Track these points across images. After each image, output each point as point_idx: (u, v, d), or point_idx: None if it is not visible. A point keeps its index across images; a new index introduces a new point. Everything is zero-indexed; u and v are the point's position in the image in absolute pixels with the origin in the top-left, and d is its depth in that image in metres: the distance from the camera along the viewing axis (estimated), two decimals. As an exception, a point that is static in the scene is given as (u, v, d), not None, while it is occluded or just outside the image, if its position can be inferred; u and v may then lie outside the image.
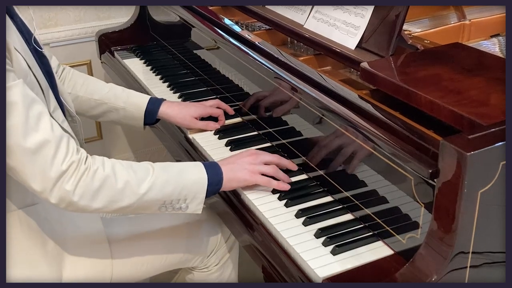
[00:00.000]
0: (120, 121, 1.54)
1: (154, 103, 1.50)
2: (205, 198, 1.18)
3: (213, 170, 1.20)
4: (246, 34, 1.56)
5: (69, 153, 1.07)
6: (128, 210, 1.13)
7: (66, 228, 1.25)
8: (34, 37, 1.21)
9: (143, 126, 1.52)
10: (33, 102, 1.05)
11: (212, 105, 1.55)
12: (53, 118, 1.13)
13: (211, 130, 1.52)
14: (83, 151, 1.11)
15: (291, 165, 1.32)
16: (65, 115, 1.24)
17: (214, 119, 1.54)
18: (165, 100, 1.53)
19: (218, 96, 1.71)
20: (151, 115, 1.50)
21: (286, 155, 1.38)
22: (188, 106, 1.53)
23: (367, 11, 1.31)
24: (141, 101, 1.50)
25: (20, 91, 1.03)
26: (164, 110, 1.50)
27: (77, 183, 1.07)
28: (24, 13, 1.27)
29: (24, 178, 1.05)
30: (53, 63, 1.48)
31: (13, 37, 1.10)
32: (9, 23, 1.11)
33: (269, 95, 1.43)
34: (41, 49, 1.23)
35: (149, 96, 1.52)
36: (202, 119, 1.53)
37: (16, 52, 1.08)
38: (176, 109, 1.50)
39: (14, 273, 1.17)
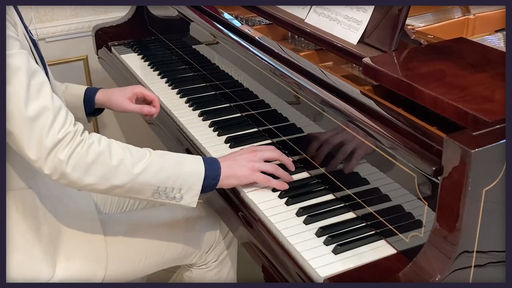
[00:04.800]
0: None
1: (91, 91, 1.50)
2: (201, 192, 1.18)
3: (212, 165, 1.20)
4: (246, 29, 1.54)
5: (66, 124, 1.09)
6: (121, 190, 1.13)
7: (60, 216, 1.25)
8: (29, 28, 1.22)
9: (86, 117, 1.51)
10: (36, 71, 1.08)
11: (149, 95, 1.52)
12: None
13: (146, 115, 1.51)
14: (80, 124, 1.12)
15: (290, 164, 1.30)
16: None
17: None
18: (102, 88, 1.52)
19: (218, 92, 1.70)
20: (90, 103, 1.49)
21: (286, 152, 1.36)
22: (123, 89, 1.52)
23: (370, 6, 1.29)
24: (79, 91, 1.50)
25: (25, 59, 1.06)
26: (98, 97, 1.49)
27: (71, 153, 1.08)
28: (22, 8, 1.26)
29: (21, 144, 1.07)
30: None
31: (17, 18, 1.12)
32: (11, 7, 1.12)
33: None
34: (35, 38, 1.23)
35: (87, 86, 1.52)
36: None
37: (20, 31, 1.11)
38: (109, 93, 1.50)
39: (11, 257, 1.17)
